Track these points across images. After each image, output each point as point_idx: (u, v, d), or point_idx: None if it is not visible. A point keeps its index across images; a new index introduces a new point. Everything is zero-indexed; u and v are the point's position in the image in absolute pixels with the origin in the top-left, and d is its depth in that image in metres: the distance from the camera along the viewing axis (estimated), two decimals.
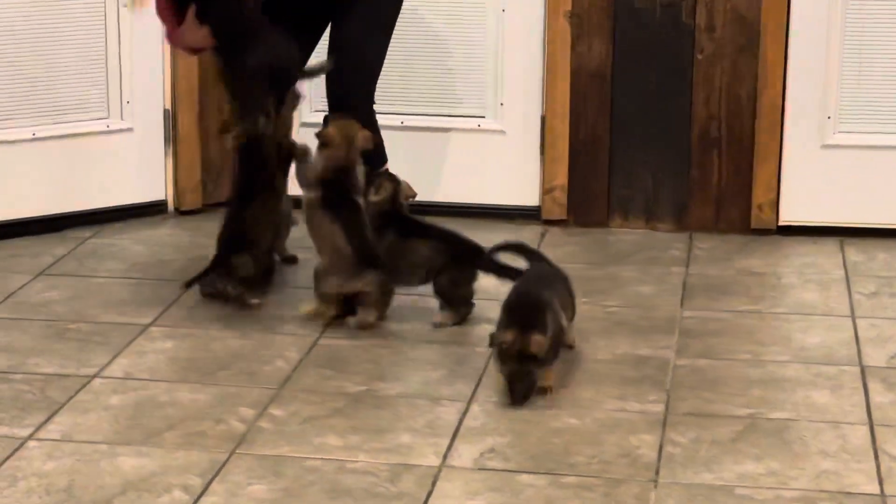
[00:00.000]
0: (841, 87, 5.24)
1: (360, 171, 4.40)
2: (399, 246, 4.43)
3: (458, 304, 4.42)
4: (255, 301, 4.52)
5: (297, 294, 4.62)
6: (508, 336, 3.74)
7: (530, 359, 3.74)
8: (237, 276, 4.51)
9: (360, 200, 4.39)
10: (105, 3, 5.25)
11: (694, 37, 5.23)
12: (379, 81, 4.75)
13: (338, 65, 4.61)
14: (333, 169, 4.37)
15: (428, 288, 4.50)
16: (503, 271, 4.40)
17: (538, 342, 3.72)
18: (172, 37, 4.57)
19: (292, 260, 4.94)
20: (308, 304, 4.39)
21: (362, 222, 4.37)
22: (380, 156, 4.64)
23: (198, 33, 4.44)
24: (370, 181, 4.45)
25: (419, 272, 4.45)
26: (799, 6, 5.18)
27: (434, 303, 4.48)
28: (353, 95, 4.65)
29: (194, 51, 4.67)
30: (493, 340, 3.81)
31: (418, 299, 4.55)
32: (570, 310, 4.10)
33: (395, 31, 4.88)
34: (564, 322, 3.97)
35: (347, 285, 4.34)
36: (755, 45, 5.20)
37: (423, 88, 5.37)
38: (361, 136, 4.38)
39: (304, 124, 5.24)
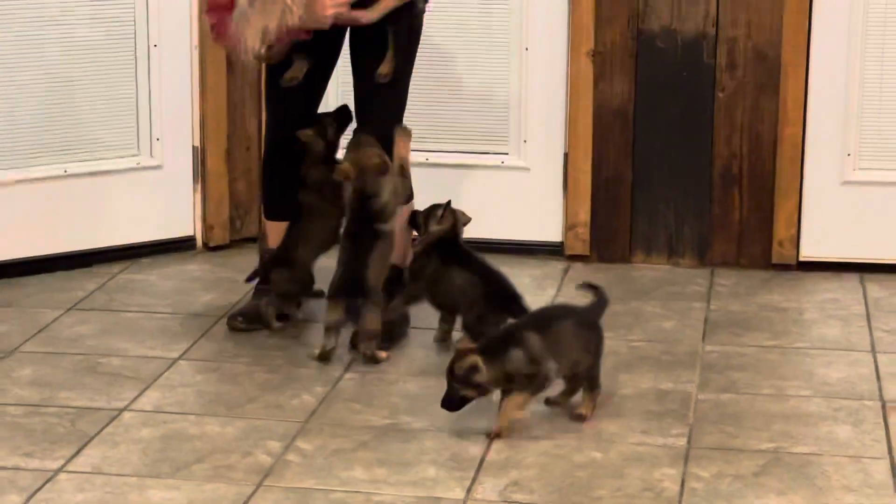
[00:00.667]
0: (861, 124, 5.22)
1: (390, 192, 4.42)
2: (439, 272, 4.45)
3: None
4: (277, 325, 4.57)
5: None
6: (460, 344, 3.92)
7: (457, 377, 3.81)
8: (275, 291, 4.56)
9: (386, 227, 4.42)
10: (135, 43, 5.26)
11: (715, 75, 5.22)
12: (406, 119, 4.73)
13: (367, 96, 4.64)
14: (355, 199, 4.40)
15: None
16: None
17: (466, 364, 3.79)
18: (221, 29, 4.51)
19: None
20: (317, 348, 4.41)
21: (370, 252, 4.38)
22: (407, 191, 4.62)
23: None
24: (432, 211, 4.46)
25: (452, 300, 4.47)
26: (819, 45, 5.17)
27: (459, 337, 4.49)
28: (386, 125, 4.61)
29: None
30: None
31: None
32: (582, 355, 4.04)
33: (421, 70, 4.88)
34: (547, 364, 3.94)
35: (329, 315, 4.38)
36: (776, 83, 5.19)
37: (448, 126, 5.38)
38: (374, 165, 4.38)
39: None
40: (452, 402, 3.85)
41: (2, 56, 5.04)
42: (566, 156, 5.34)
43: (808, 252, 5.31)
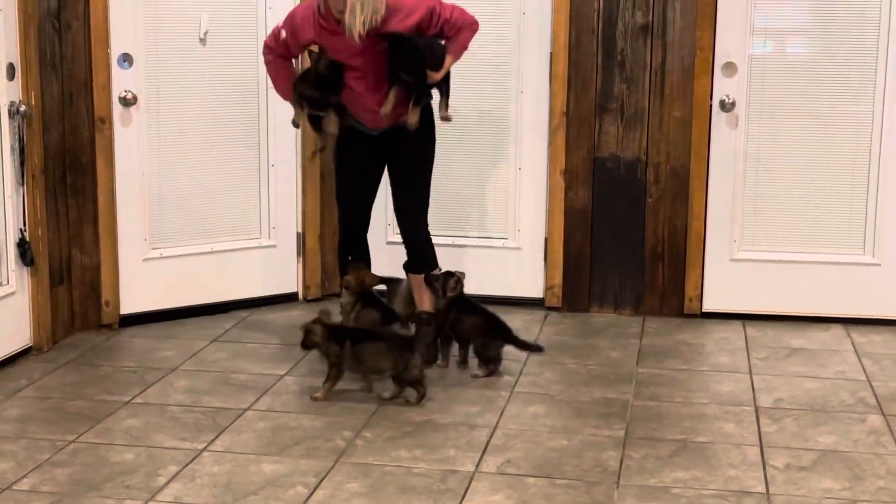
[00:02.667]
0: (742, 221, 5.16)
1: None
2: (457, 318, 4.43)
3: (488, 361, 4.41)
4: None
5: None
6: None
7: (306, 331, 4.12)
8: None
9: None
10: (259, 162, 5.24)
11: (646, 187, 5.18)
12: (437, 215, 4.74)
13: (405, 206, 4.55)
14: (354, 299, 4.52)
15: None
16: (520, 344, 4.41)
17: (310, 327, 4.09)
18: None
19: None
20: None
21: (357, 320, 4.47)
22: (432, 263, 4.55)
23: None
24: (447, 280, 4.43)
25: (466, 334, 4.44)
26: (714, 168, 5.11)
27: (476, 361, 4.48)
28: (419, 229, 4.56)
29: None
30: None
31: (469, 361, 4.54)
32: (387, 366, 4.09)
33: (451, 181, 4.90)
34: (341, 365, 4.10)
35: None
36: (686, 192, 5.14)
37: (468, 219, 5.37)
38: (370, 280, 4.54)
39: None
40: (304, 344, 4.12)
41: (176, 173, 5.04)
42: (546, 240, 5.30)
43: (708, 306, 5.23)
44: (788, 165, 5.10)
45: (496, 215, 5.38)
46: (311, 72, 4.31)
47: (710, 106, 5.05)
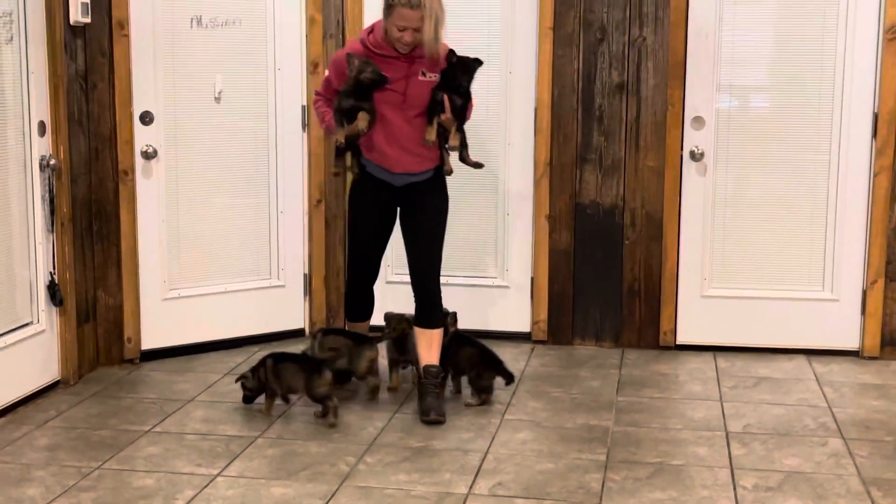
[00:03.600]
0: (712, 261, 5.18)
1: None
2: (456, 350, 4.43)
3: (481, 391, 4.41)
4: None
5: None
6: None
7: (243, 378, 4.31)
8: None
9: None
10: (269, 211, 5.24)
11: (623, 230, 5.20)
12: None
13: (420, 264, 4.31)
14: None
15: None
16: (508, 375, 4.41)
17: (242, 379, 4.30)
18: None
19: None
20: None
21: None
22: (441, 319, 4.37)
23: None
24: (445, 318, 4.46)
25: (463, 367, 4.43)
26: (686, 213, 5.13)
27: (469, 391, 4.48)
28: (432, 285, 4.33)
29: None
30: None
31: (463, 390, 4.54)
32: (299, 385, 4.21)
33: (459, 235, 5.01)
34: (272, 384, 4.24)
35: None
36: (660, 235, 5.16)
37: (460, 261, 5.34)
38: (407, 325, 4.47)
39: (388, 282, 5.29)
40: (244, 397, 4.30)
41: (193, 219, 5.05)
42: (532, 279, 5.32)
43: (682, 339, 5.23)
44: (753, 209, 5.13)
45: (487, 256, 5.38)
46: (351, 80, 4.04)
47: (681, 156, 5.08)
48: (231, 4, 5.00)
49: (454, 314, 4.57)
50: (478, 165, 4.27)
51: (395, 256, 5.24)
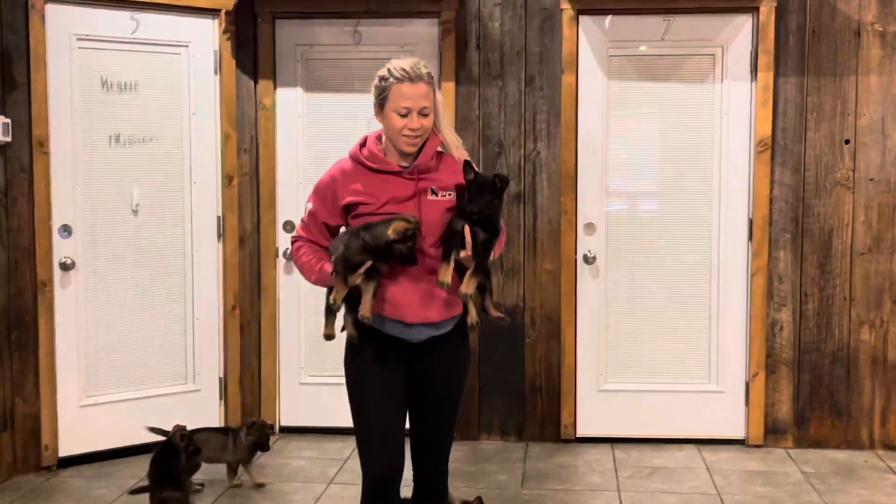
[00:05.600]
0: (607, 357, 5.30)
1: None
2: None
3: None
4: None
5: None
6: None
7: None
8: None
9: None
10: (185, 318, 5.25)
11: (524, 330, 5.30)
12: None
13: (430, 445, 3.28)
14: None
15: None
16: None
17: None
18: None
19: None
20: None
21: None
22: (447, 494, 3.40)
23: None
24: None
25: None
26: (582, 312, 5.26)
27: None
28: (441, 469, 3.33)
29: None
30: None
31: None
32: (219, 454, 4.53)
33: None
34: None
35: None
36: (558, 334, 5.27)
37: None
38: None
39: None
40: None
41: (110, 327, 5.04)
42: None
43: (581, 431, 5.30)
44: (644, 307, 5.29)
45: None
46: (380, 241, 2.99)
47: (576, 259, 5.25)
48: (148, 122, 5.10)
49: (478, 499, 3.66)
50: (501, 320, 3.26)
51: (307, 351, 5.25)
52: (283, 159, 5.38)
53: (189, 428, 4.47)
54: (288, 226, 5.37)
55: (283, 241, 5.40)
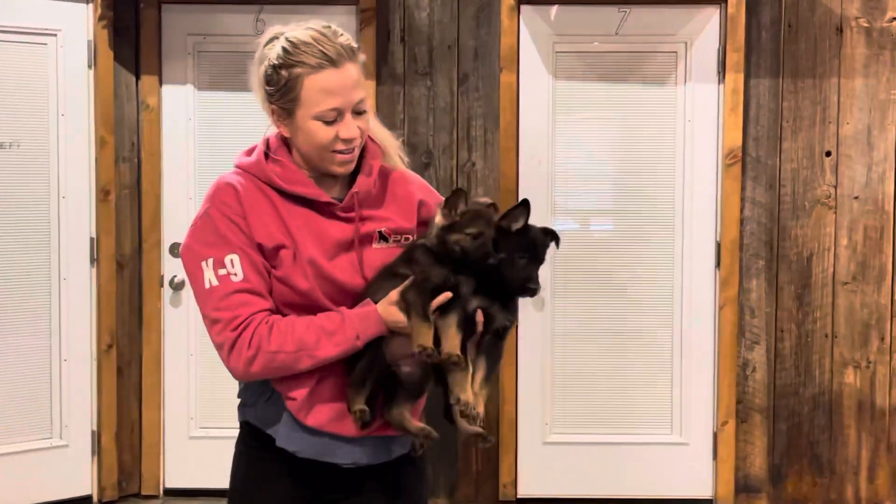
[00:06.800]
0: (553, 403, 4.72)
1: None
2: None
3: None
4: None
5: None
6: None
7: None
8: None
9: None
10: (50, 357, 4.53)
11: None
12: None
13: None
14: None
15: None
16: None
17: None
18: None
19: None
20: None
21: None
22: None
23: None
24: None
25: None
26: (524, 351, 4.69)
27: None
28: None
29: None
30: None
31: None
32: None
33: None
34: None
35: None
36: (496, 377, 4.64)
37: None
38: None
39: None
40: None
41: None
42: None
43: (523, 491, 4.71)
44: (596, 345, 4.71)
45: None
46: (450, 235, 2.07)
47: None
48: (6, 125, 4.41)
49: None
50: (482, 439, 2.24)
51: (198, 398, 4.60)
52: (171, 170, 4.70)
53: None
54: (175, 249, 4.60)
55: (170, 267, 4.68)
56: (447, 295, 2.04)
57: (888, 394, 4.63)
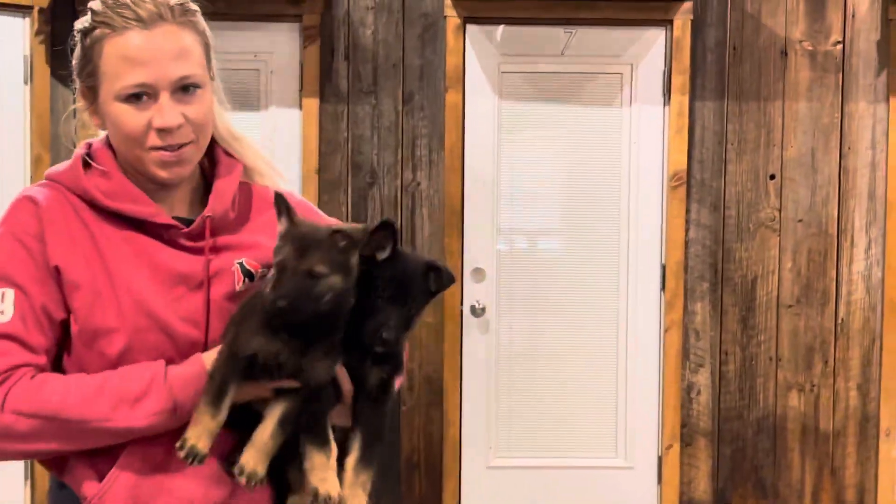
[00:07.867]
0: (498, 428, 4.62)
1: None
2: None
3: None
4: None
5: None
6: None
7: None
8: None
9: None
10: None
11: (400, 394, 4.57)
12: None
13: None
14: None
15: None
16: None
17: None
18: None
19: None
20: None
21: None
22: None
23: None
24: None
25: None
26: (468, 374, 4.59)
27: None
28: None
29: None
30: None
31: None
32: None
33: None
34: None
35: None
36: (440, 399, 4.58)
37: None
38: None
39: None
40: None
41: None
42: None
43: None
44: (542, 367, 4.62)
45: None
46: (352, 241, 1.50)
47: (461, 311, 4.53)
48: None
49: None
50: None
51: None
52: None
53: None
54: None
55: None
56: (280, 383, 1.48)
57: (832, 417, 4.59)
